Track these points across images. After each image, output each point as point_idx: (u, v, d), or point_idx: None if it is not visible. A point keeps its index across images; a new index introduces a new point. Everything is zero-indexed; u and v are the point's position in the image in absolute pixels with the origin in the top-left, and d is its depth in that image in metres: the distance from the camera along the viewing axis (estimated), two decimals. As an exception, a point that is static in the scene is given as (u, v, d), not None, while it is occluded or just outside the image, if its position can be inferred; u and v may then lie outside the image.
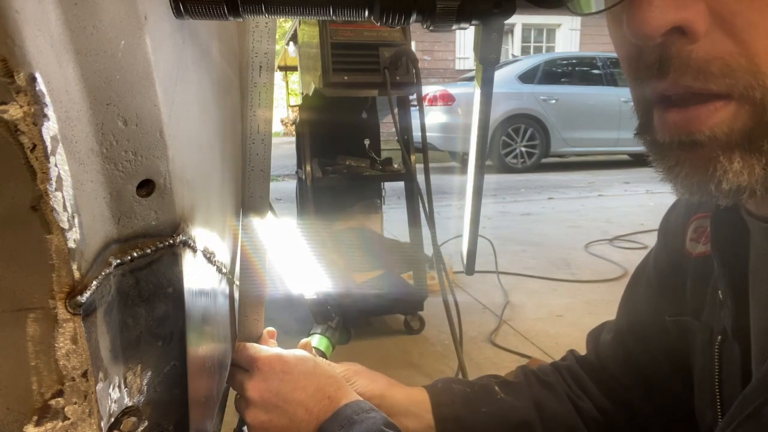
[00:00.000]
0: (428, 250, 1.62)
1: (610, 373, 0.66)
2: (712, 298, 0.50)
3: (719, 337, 0.48)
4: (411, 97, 1.70)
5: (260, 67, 0.56)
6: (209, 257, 0.57)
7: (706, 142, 0.32)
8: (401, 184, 1.81)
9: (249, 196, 0.62)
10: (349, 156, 1.88)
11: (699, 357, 0.52)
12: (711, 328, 0.50)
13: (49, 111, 0.30)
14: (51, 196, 0.31)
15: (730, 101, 0.30)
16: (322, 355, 0.65)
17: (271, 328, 0.68)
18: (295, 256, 0.78)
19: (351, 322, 1.71)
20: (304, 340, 0.67)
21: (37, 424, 0.34)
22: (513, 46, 10.30)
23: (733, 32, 0.29)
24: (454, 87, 6.71)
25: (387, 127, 2.14)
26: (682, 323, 0.55)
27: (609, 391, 0.65)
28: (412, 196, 1.76)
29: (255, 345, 0.62)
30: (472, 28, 0.44)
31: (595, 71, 6.97)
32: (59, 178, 0.32)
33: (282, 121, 17.27)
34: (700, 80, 0.31)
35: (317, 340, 0.67)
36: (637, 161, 7.65)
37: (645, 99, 0.36)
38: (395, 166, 1.84)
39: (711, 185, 0.32)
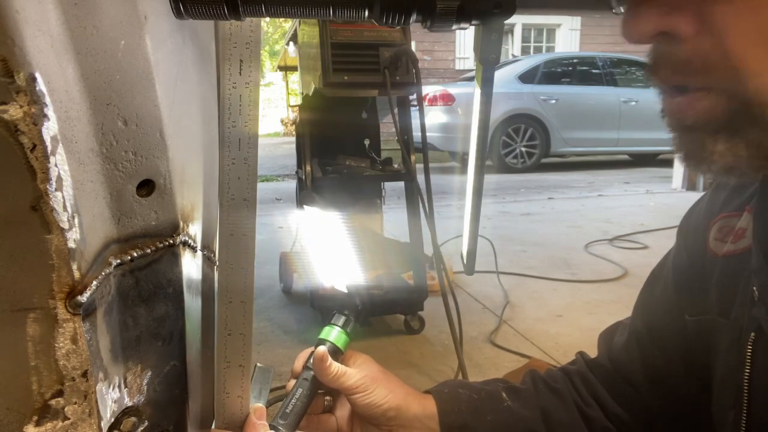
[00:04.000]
0: (428, 250, 1.62)
1: (624, 376, 0.65)
2: (743, 296, 0.49)
3: (752, 335, 0.47)
4: (411, 97, 1.70)
5: (241, 61, 0.43)
6: (210, 257, 0.57)
7: (693, 126, 0.36)
8: (401, 184, 1.80)
9: (230, 234, 0.46)
10: (349, 156, 1.88)
11: (724, 356, 0.51)
12: (740, 326, 0.49)
13: (49, 111, 0.30)
14: (51, 196, 0.31)
15: (709, 92, 0.35)
16: (338, 350, 0.60)
17: (259, 405, 0.54)
18: (332, 248, 0.75)
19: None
20: (307, 351, 0.62)
21: (37, 424, 0.34)
22: (513, 46, 10.29)
23: (714, 34, 0.33)
24: (454, 87, 6.70)
25: (387, 127, 2.14)
26: (705, 322, 0.54)
27: (622, 396, 0.64)
28: (412, 196, 1.76)
29: None
30: (472, 28, 0.44)
31: (595, 71, 6.97)
32: (59, 178, 0.32)
33: (282, 121, 17.30)
34: (681, 76, 0.36)
35: (336, 335, 0.61)
36: (637, 161, 7.66)
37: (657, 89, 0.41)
38: (395, 166, 1.84)
39: (704, 164, 0.36)
